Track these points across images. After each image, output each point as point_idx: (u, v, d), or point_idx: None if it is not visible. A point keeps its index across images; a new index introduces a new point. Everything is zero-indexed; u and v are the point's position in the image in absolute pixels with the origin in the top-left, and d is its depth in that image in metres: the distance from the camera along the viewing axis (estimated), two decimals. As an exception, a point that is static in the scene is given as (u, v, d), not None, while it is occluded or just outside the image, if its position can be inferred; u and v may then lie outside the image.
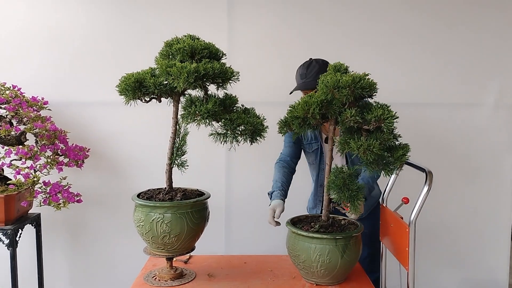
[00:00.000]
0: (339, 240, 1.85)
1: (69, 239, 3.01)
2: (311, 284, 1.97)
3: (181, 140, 2.07)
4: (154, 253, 2.01)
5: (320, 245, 1.84)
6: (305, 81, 2.33)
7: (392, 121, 1.79)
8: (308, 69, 2.35)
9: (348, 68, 1.96)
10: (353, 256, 1.89)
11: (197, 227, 1.97)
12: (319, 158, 2.48)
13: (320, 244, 1.85)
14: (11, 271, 2.51)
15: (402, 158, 1.81)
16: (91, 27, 2.89)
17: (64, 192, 2.55)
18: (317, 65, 2.35)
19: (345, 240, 1.86)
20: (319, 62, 2.37)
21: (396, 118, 1.79)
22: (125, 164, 2.96)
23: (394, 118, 1.79)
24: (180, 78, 1.77)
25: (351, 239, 1.88)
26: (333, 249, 1.84)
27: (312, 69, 2.34)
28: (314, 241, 1.85)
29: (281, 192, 2.34)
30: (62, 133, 2.69)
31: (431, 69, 2.97)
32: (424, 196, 1.90)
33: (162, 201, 1.95)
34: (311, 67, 2.35)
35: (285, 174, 2.45)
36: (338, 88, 1.82)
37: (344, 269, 1.89)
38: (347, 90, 1.81)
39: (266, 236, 2.95)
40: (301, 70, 2.39)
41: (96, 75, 2.89)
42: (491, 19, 2.95)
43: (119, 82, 1.90)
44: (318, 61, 2.38)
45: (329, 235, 1.86)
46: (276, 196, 2.32)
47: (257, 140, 1.96)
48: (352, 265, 1.93)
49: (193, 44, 1.88)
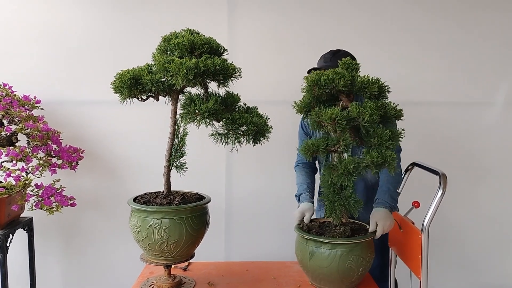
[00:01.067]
0: (358, 245, 1.76)
1: (63, 244, 2.89)
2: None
3: (180, 141, 1.96)
4: (151, 260, 1.90)
5: (341, 251, 1.74)
6: (325, 64, 2.21)
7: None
8: (335, 55, 2.23)
9: (359, 66, 1.85)
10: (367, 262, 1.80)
11: (196, 233, 1.86)
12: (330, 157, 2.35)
13: (342, 249, 1.74)
14: (1, 278, 2.40)
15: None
16: (86, 22, 2.78)
17: (57, 195, 2.43)
18: (344, 54, 2.21)
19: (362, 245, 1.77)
20: (348, 53, 2.26)
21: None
22: (121, 166, 2.84)
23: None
24: (179, 75, 1.66)
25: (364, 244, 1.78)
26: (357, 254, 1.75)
27: (338, 57, 2.13)
28: (339, 247, 1.75)
29: (310, 194, 2.21)
30: (55, 133, 2.58)
31: (440, 68, 2.89)
32: (438, 200, 1.80)
33: (159, 205, 1.84)
34: (338, 54, 2.23)
35: (308, 175, 2.33)
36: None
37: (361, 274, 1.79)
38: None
39: (268, 241, 2.85)
40: (326, 54, 2.28)
41: (91, 72, 2.78)
42: (502, 17, 2.87)
43: (114, 79, 1.78)
44: (348, 53, 2.27)
45: (350, 239, 1.77)
46: (305, 198, 2.17)
47: (260, 141, 1.85)
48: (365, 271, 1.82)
49: (193, 39, 1.77)
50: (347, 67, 1.83)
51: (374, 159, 1.66)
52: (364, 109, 1.68)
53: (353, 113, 1.69)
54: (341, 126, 1.69)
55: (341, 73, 1.75)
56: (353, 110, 1.70)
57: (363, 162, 1.70)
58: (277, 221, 2.86)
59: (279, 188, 2.86)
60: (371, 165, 1.69)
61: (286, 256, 2.46)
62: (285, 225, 2.65)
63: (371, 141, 1.70)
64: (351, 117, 1.70)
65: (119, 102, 1.82)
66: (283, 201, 2.79)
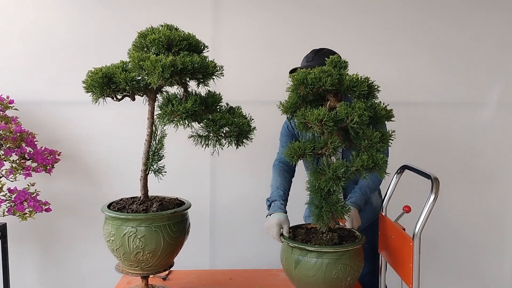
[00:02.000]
0: (345, 252, 1.65)
1: (38, 251, 2.76)
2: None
3: (158, 143, 1.85)
4: (127, 271, 1.78)
5: (327, 259, 1.63)
6: (307, 64, 2.11)
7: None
8: (317, 54, 2.14)
9: (347, 64, 1.74)
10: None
11: (175, 242, 1.75)
12: (316, 162, 2.25)
13: (328, 258, 1.64)
14: (-29, 288, 2.27)
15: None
16: (64, 20, 2.66)
17: (31, 200, 2.31)
18: (328, 53, 2.11)
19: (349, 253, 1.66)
20: (331, 52, 2.16)
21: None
22: (99, 169, 2.72)
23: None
24: (154, 73, 1.55)
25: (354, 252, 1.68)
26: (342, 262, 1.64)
27: (321, 56, 2.09)
28: (325, 256, 1.64)
29: (284, 203, 2.09)
30: (30, 135, 2.46)
31: (432, 68, 2.81)
32: (430, 205, 1.70)
33: (135, 212, 1.73)
34: (320, 53, 2.14)
35: (286, 179, 2.20)
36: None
37: (349, 284, 1.69)
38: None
39: (254, 247, 2.75)
40: (309, 53, 2.20)
41: (69, 72, 2.65)
42: (495, 17, 2.80)
43: (85, 77, 1.67)
44: (331, 51, 2.16)
45: (337, 247, 1.66)
46: (280, 208, 2.04)
47: (243, 143, 1.75)
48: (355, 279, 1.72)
49: (170, 35, 1.65)
50: (335, 65, 1.72)
51: (365, 162, 1.56)
52: (353, 110, 1.58)
53: (341, 113, 1.59)
54: (329, 128, 1.58)
55: (328, 71, 1.65)
56: (341, 111, 1.60)
57: (353, 166, 1.60)
58: (264, 227, 2.75)
59: (266, 192, 2.75)
60: (361, 169, 1.59)
61: (273, 263, 2.37)
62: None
63: (361, 143, 1.60)
64: (339, 118, 1.59)
65: (96, 103, 1.70)
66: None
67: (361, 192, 2.10)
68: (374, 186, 2.15)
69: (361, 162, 1.57)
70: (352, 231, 1.84)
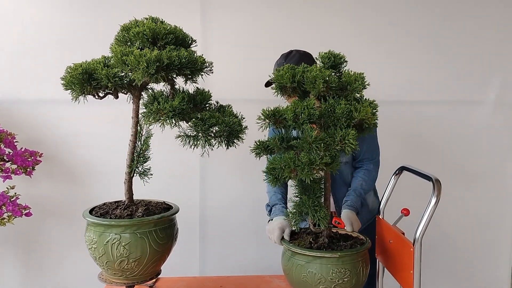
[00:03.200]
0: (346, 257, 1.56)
1: (20, 255, 2.63)
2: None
3: (143, 144, 1.74)
4: (110, 280, 1.67)
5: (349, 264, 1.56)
6: None
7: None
8: (287, 59, 2.12)
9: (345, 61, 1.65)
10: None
11: (162, 249, 1.64)
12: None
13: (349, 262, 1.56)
14: None
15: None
16: (46, 14, 2.54)
17: (9, 204, 2.19)
18: (298, 55, 2.12)
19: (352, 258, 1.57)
20: (300, 52, 2.15)
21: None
22: (83, 171, 2.60)
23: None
24: (139, 69, 1.44)
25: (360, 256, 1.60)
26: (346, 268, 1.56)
27: (290, 60, 2.10)
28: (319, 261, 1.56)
29: (285, 206, 2.05)
30: (9, 135, 2.33)
31: (427, 65, 2.75)
32: (432, 209, 1.62)
33: (119, 218, 1.62)
34: (290, 57, 2.13)
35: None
36: None
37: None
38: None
39: (247, 253, 2.65)
40: (279, 60, 2.17)
41: (50, 69, 2.52)
42: (491, 14, 2.75)
43: (64, 73, 1.55)
44: (299, 51, 2.16)
45: (336, 252, 1.57)
46: (282, 211, 1.98)
47: (234, 143, 1.64)
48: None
49: (155, 28, 1.55)
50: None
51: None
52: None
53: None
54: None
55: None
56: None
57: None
58: (257, 231, 2.66)
59: (260, 195, 2.65)
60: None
61: (266, 269, 2.28)
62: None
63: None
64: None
65: (81, 100, 1.59)
66: (263, 209, 2.59)
67: (356, 193, 2.04)
68: (368, 186, 2.09)
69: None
70: (351, 235, 1.76)
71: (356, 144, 1.47)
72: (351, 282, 1.56)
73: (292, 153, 1.51)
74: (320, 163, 1.47)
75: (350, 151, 1.47)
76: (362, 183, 2.07)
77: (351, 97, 1.57)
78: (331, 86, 1.54)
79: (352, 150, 1.47)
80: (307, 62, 1.96)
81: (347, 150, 1.47)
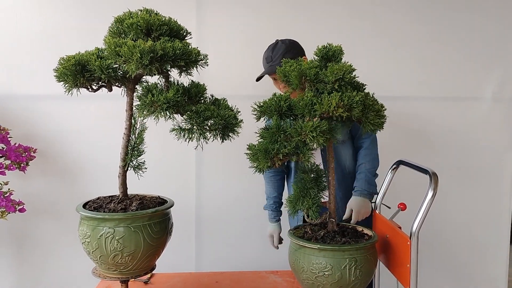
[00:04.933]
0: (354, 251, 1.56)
1: (14, 252, 2.61)
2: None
3: (138, 137, 1.72)
4: (104, 275, 1.66)
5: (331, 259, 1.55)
6: (271, 65, 2.11)
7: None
8: (274, 51, 2.12)
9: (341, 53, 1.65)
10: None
11: (156, 243, 1.62)
12: (321, 158, 2.13)
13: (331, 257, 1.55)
14: None
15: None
16: (39, 8, 2.51)
17: (3, 200, 2.17)
18: (283, 46, 2.11)
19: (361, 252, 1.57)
20: (285, 42, 2.14)
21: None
22: (77, 166, 2.58)
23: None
24: (132, 60, 1.43)
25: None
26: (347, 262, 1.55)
27: (277, 51, 2.11)
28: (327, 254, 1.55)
29: (274, 213, 2.24)
30: (3, 130, 2.31)
31: (424, 60, 2.72)
32: (429, 202, 1.61)
33: (113, 211, 1.60)
34: (276, 49, 2.12)
35: (275, 185, 2.26)
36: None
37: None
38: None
39: (243, 249, 2.62)
40: (266, 53, 2.16)
41: (44, 64, 2.46)
42: (488, 10, 2.73)
43: (57, 65, 1.53)
44: (285, 42, 2.15)
45: (344, 246, 1.57)
46: (272, 219, 2.24)
47: (229, 136, 1.63)
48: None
49: (149, 19, 1.53)
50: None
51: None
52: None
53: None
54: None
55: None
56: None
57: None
58: (252, 227, 2.64)
59: (256, 189, 2.63)
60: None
61: (263, 265, 2.27)
62: (263, 230, 2.44)
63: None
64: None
65: (75, 96, 1.58)
66: (260, 204, 2.58)
67: (361, 177, 2.06)
68: (371, 165, 2.09)
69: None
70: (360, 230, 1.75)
71: (321, 137, 1.49)
72: (333, 277, 1.54)
73: (264, 142, 1.57)
74: (279, 152, 1.52)
75: (316, 142, 1.50)
76: (365, 164, 2.08)
77: (345, 89, 1.56)
78: (307, 79, 1.57)
79: (317, 142, 1.50)
80: (294, 51, 2.09)
81: (309, 140, 1.50)
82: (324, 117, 1.56)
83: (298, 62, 1.62)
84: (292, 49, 2.10)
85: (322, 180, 1.73)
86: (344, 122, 1.62)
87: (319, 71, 1.58)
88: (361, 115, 1.57)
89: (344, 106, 1.51)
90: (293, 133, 1.53)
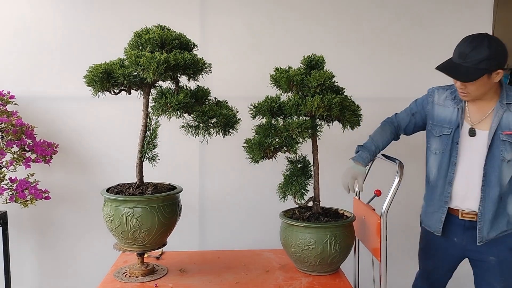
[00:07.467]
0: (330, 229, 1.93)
1: (37, 237, 2.91)
2: (285, 276, 1.98)
3: (152, 133, 2.03)
4: (124, 248, 1.97)
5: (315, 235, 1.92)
6: (460, 64, 1.79)
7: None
8: (475, 50, 1.75)
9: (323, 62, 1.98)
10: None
11: (168, 221, 1.94)
12: (449, 147, 1.96)
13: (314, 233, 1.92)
14: (-25, 272, 2.41)
15: None
16: (59, 18, 2.80)
17: (31, 188, 2.47)
18: (487, 52, 1.73)
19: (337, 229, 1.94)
20: (492, 47, 1.74)
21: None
22: (94, 160, 2.87)
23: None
24: (150, 69, 1.73)
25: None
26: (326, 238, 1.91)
27: (477, 54, 1.74)
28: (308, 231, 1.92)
29: (370, 157, 2.04)
30: (29, 128, 2.60)
31: (402, 64, 2.96)
32: (396, 187, 1.92)
33: (132, 195, 1.91)
34: (478, 48, 1.75)
35: (384, 136, 2.10)
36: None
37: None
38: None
39: (242, 232, 2.91)
40: (464, 46, 1.81)
41: (64, 68, 2.80)
42: (464, 14, 2.94)
43: (86, 73, 1.84)
44: (491, 47, 1.74)
45: (321, 224, 1.94)
46: (364, 160, 2.02)
47: (229, 132, 1.95)
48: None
49: (163, 34, 1.84)
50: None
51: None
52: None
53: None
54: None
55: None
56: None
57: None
58: (251, 210, 2.91)
59: (251, 179, 2.92)
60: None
61: (257, 244, 2.54)
62: (258, 214, 2.74)
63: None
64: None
65: (92, 97, 1.89)
66: (255, 192, 2.87)
67: (365, 145, 2.09)
68: (373, 133, 2.14)
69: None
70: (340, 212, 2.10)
71: (305, 132, 1.83)
72: (317, 250, 1.90)
73: (258, 136, 1.92)
74: (270, 145, 1.87)
75: (301, 136, 1.85)
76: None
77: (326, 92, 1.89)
78: (294, 84, 1.91)
79: (302, 136, 1.84)
80: (494, 62, 1.76)
81: (295, 135, 1.83)
82: (308, 116, 1.90)
83: (286, 70, 1.95)
84: (494, 59, 1.74)
85: (308, 170, 2.06)
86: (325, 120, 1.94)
87: (304, 78, 1.90)
88: (339, 114, 1.90)
89: (324, 107, 1.83)
90: (282, 129, 1.86)
